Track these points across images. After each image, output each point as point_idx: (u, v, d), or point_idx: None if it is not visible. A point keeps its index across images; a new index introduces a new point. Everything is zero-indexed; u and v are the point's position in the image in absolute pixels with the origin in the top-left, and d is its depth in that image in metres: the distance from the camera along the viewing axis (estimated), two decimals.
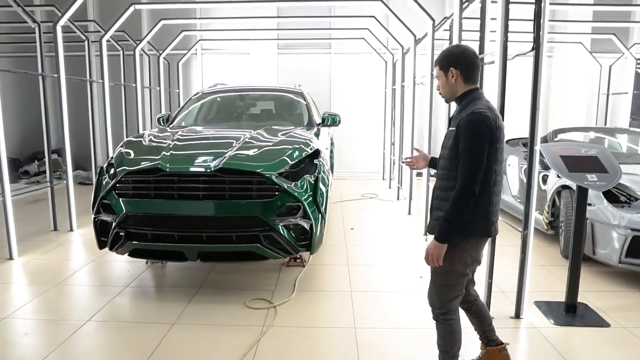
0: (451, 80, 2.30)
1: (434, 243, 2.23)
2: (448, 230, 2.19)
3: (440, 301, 2.41)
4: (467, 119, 2.17)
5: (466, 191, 2.14)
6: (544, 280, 4.14)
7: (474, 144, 2.13)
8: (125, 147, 4.03)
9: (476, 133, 2.13)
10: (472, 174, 2.13)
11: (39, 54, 5.44)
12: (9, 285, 4.06)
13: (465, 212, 2.16)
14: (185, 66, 10.27)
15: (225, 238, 3.59)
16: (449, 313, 2.41)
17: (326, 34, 9.77)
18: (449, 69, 2.30)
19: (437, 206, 2.34)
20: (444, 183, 2.31)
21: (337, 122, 5.53)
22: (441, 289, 2.39)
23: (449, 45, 2.40)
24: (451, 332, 2.42)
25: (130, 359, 2.86)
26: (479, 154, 2.13)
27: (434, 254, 2.23)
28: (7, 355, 2.90)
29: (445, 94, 2.38)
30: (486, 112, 2.17)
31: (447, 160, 2.28)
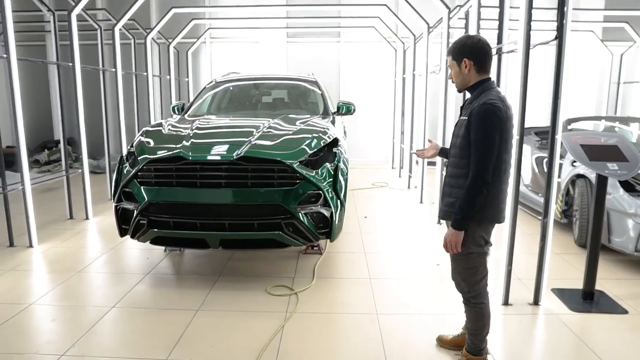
0: (464, 70, 2.34)
1: (451, 231, 2.31)
2: (463, 218, 2.27)
3: (468, 285, 2.46)
4: (479, 109, 2.22)
5: (479, 180, 2.21)
6: (559, 268, 4.18)
7: (485, 134, 2.20)
8: (145, 136, 4.06)
9: (488, 123, 2.19)
10: (485, 163, 2.20)
11: (54, 42, 5.44)
12: (31, 273, 4.12)
13: (478, 200, 2.24)
14: (195, 55, 10.25)
15: (247, 226, 3.63)
16: (479, 296, 2.47)
17: (335, 22, 9.73)
18: (462, 59, 2.34)
19: (448, 193, 2.42)
20: (455, 171, 2.37)
21: (351, 110, 5.55)
22: (466, 273, 2.45)
23: (462, 36, 2.44)
24: (482, 315, 2.49)
25: (159, 343, 2.92)
26: (491, 144, 2.20)
27: (452, 241, 2.32)
28: (37, 341, 2.96)
29: (458, 84, 2.42)
30: (498, 103, 2.23)
31: (459, 148, 2.34)
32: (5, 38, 4.33)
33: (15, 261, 4.32)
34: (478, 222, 2.34)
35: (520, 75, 3.21)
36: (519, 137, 3.27)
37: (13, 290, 3.69)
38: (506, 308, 3.41)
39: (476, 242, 2.38)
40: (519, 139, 3.27)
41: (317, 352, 2.82)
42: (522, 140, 3.28)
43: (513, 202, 3.35)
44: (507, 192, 2.45)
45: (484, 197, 2.25)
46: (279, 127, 4.19)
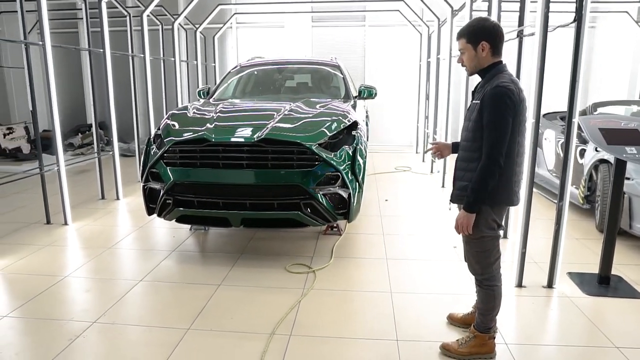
0: (481, 53, 2.34)
1: (463, 213, 2.35)
2: (475, 200, 2.31)
3: (482, 267, 2.52)
4: (492, 92, 2.23)
5: (491, 162, 2.23)
6: (577, 253, 4.17)
7: (498, 116, 2.21)
8: (171, 119, 4.23)
9: (501, 106, 2.20)
10: (497, 146, 2.22)
11: (86, 29, 5.66)
12: (66, 248, 4.38)
13: (490, 182, 2.27)
14: (221, 40, 10.40)
15: (267, 205, 3.77)
16: (492, 279, 2.53)
17: (360, 6, 9.70)
18: (480, 43, 2.33)
19: (460, 176, 2.44)
20: (467, 154, 2.39)
21: (373, 94, 5.59)
22: (479, 256, 2.50)
23: (475, 18, 2.43)
24: (493, 297, 2.55)
25: (183, 314, 3.11)
26: (504, 127, 2.21)
27: (463, 223, 2.36)
28: (72, 309, 3.19)
29: (472, 67, 2.41)
30: (510, 86, 2.24)
31: (472, 132, 2.36)
32: (41, 26, 4.55)
33: (51, 237, 4.60)
34: (491, 205, 2.38)
35: (537, 58, 3.21)
36: (534, 121, 3.28)
37: (50, 264, 3.95)
38: (520, 290, 3.46)
39: (489, 225, 2.41)
40: (534, 122, 3.28)
41: (330, 325, 2.95)
42: (538, 123, 3.29)
43: (528, 186, 3.37)
44: (522, 175, 2.47)
45: (496, 180, 2.27)
46: (300, 111, 4.29)
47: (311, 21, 10.22)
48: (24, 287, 3.52)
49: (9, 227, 4.89)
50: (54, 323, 2.99)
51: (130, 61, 6.64)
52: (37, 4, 4.49)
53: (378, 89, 10.37)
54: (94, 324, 2.97)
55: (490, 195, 2.33)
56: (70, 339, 2.80)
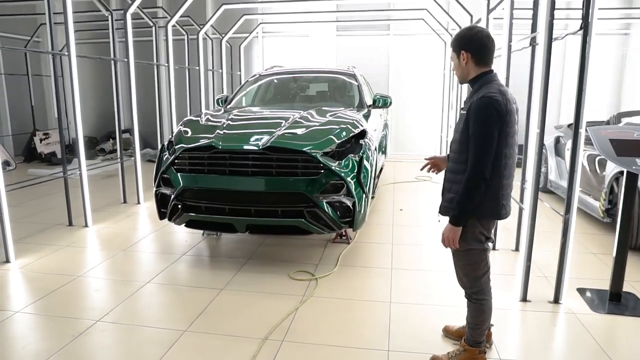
0: (462, 63, 2.33)
1: (449, 226, 2.32)
2: (461, 213, 2.27)
3: (470, 280, 2.49)
4: (477, 103, 2.20)
5: (477, 175, 2.19)
6: (592, 269, 4.03)
7: (483, 128, 2.17)
8: (184, 126, 4.36)
9: (486, 117, 2.17)
10: (483, 158, 2.18)
11: (111, 40, 5.92)
12: (84, 249, 4.57)
13: (476, 195, 2.23)
14: (247, 49, 10.63)
15: (271, 212, 3.82)
16: (481, 292, 2.48)
17: (385, 15, 9.71)
18: (460, 52, 2.33)
19: (447, 188, 2.41)
20: (455, 166, 2.36)
21: (388, 103, 5.58)
22: (467, 269, 2.47)
23: (464, 27, 2.40)
24: (482, 311, 2.50)
25: (183, 316, 3.19)
26: (489, 138, 2.17)
27: (449, 237, 2.33)
28: (81, 307, 3.33)
29: (459, 77, 2.41)
30: (496, 96, 2.19)
31: (458, 143, 2.33)
32: (67, 37, 4.80)
33: (72, 238, 4.81)
34: (478, 218, 2.34)
35: (542, 67, 3.14)
36: (539, 131, 3.21)
37: (66, 264, 4.13)
38: (524, 304, 3.37)
39: (476, 238, 2.38)
40: (539, 132, 3.21)
41: (324, 333, 2.96)
42: (542, 134, 3.22)
43: (532, 197, 3.30)
44: (511, 187, 2.42)
45: (482, 192, 2.23)
46: (309, 119, 4.34)
47: (336, 30, 10.31)
48: (40, 284, 3.70)
49: (35, 228, 5.14)
50: (61, 320, 3.13)
51: (155, 70, 6.87)
52: (64, 17, 4.74)
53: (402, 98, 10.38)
54: (97, 322, 3.09)
55: (477, 209, 2.29)
56: (74, 336, 2.92)
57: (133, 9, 5.63)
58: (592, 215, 5.17)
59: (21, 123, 9.76)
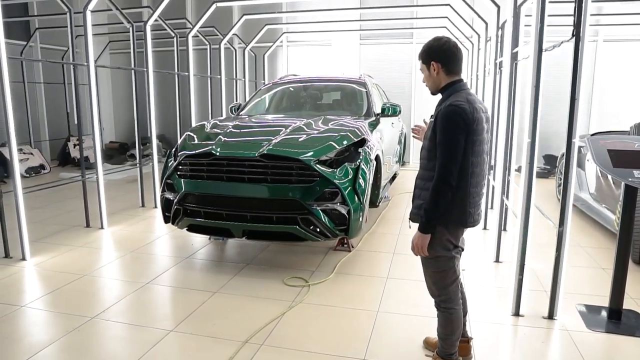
0: (433, 73, 2.35)
1: (417, 234, 2.32)
2: (428, 220, 2.26)
3: (438, 288, 2.47)
4: (444, 111, 2.21)
5: (442, 183, 2.19)
6: (598, 284, 3.87)
7: (449, 135, 2.17)
8: (189, 133, 4.50)
9: (451, 125, 2.17)
10: (448, 165, 2.18)
11: (132, 50, 6.19)
12: (96, 250, 4.77)
13: (441, 203, 2.22)
14: (272, 58, 10.82)
15: (266, 218, 3.89)
16: (449, 301, 2.46)
17: (408, 23, 9.67)
18: (430, 63, 2.35)
19: (417, 195, 2.41)
20: (424, 173, 2.36)
21: (397, 112, 5.56)
22: (435, 277, 2.45)
23: (432, 38, 2.41)
24: (451, 321, 2.47)
25: (171, 316, 3.30)
26: (454, 146, 2.17)
27: (417, 244, 2.33)
28: (82, 303, 3.48)
29: (430, 87, 2.42)
30: (463, 105, 2.20)
31: (427, 151, 2.34)
32: (86, 48, 5.05)
33: (86, 239, 5.04)
34: (445, 226, 2.33)
35: (532, 77, 3.07)
36: (530, 141, 3.13)
37: (76, 263, 4.34)
38: (516, 319, 3.27)
39: (444, 245, 2.36)
40: (530, 142, 3.14)
41: (303, 339, 2.98)
42: (533, 144, 3.13)
43: (524, 207, 3.22)
44: (480, 196, 2.40)
45: (448, 200, 2.23)
46: (310, 127, 4.39)
47: (359, 39, 10.35)
48: (48, 281, 3.91)
49: (54, 229, 5.41)
50: (60, 316, 3.30)
51: (176, 79, 7.11)
52: (84, 30, 5.01)
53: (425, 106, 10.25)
54: (91, 319, 3.23)
55: (444, 216, 2.28)
56: (68, 331, 3.07)
57: (152, 21, 5.87)
58: (608, 228, 4.96)
59: (57, 129, 10.30)
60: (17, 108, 9.21)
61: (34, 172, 8.80)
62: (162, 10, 5.94)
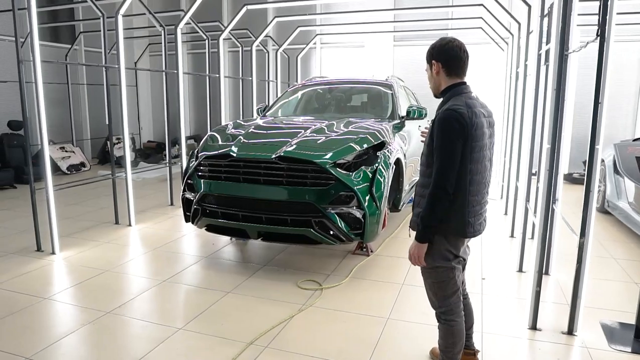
0: (434, 73, 2.26)
1: (414, 243, 2.24)
2: (424, 228, 2.18)
3: (438, 299, 2.39)
4: (441, 116, 2.13)
5: (438, 189, 2.10)
6: (628, 299, 3.64)
7: (445, 141, 2.09)
8: (211, 134, 4.58)
9: (448, 130, 2.08)
10: (444, 172, 2.09)
11: (164, 53, 6.36)
12: (121, 246, 4.93)
13: (438, 211, 2.13)
14: (305, 60, 10.85)
15: (281, 220, 3.89)
16: (450, 313, 2.37)
17: (442, 24, 9.47)
18: (432, 62, 2.27)
19: (417, 202, 2.33)
20: (424, 180, 2.28)
21: (423, 115, 5.41)
22: (435, 287, 2.37)
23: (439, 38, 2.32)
24: (452, 333, 2.38)
25: (182, 315, 3.36)
26: (450, 152, 2.08)
27: (414, 254, 2.25)
28: (100, 298, 3.60)
29: (432, 88, 2.33)
30: (461, 109, 2.11)
31: (425, 156, 2.26)
32: (117, 51, 5.23)
33: (114, 236, 5.21)
34: (444, 235, 2.24)
35: (552, 80, 2.92)
36: (549, 147, 2.99)
37: (101, 258, 4.49)
38: (533, 333, 3.13)
39: (443, 255, 2.27)
40: (549, 148, 2.99)
41: (308, 343, 2.96)
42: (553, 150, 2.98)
43: (542, 215, 3.07)
44: (481, 205, 2.29)
45: (445, 207, 2.13)
46: (330, 129, 4.36)
47: (393, 40, 10.22)
48: (73, 275, 4.08)
49: (85, 225, 5.63)
50: (79, 309, 3.43)
51: (207, 81, 7.26)
52: (116, 34, 5.18)
53: None
54: (107, 314, 3.33)
55: (442, 225, 2.19)
56: (83, 324, 3.18)
57: (182, 24, 6.02)
58: None
59: (99, 129, 10.73)
60: (61, 108, 9.72)
61: (75, 170, 9.20)
62: (197, 13, 6.07)
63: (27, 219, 5.38)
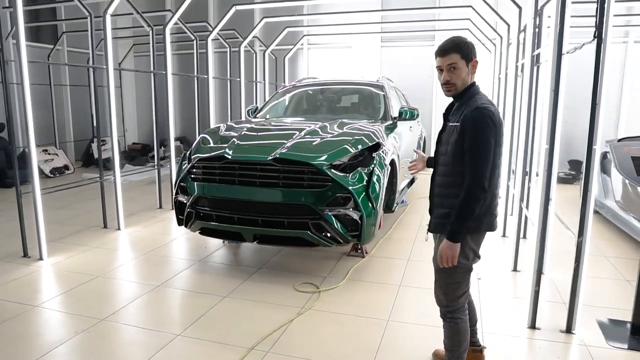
0: (471, 71, 2.26)
1: (448, 243, 2.20)
2: (461, 227, 2.17)
3: (448, 299, 2.38)
4: (474, 114, 2.13)
5: (477, 187, 2.11)
6: (622, 297, 3.69)
7: (482, 139, 2.11)
8: (203, 136, 4.51)
9: (484, 128, 2.11)
10: (483, 169, 2.11)
11: (151, 53, 6.26)
12: (111, 251, 4.82)
13: (477, 208, 2.14)
14: (292, 61, 10.81)
15: (277, 223, 3.86)
16: (457, 311, 2.38)
17: (430, 25, 9.53)
18: (472, 60, 2.25)
19: (439, 203, 2.31)
20: (447, 179, 2.27)
21: (415, 115, 5.44)
22: (449, 287, 2.37)
23: (456, 36, 2.31)
24: (458, 331, 2.38)
25: (179, 320, 3.29)
26: (488, 150, 2.11)
27: (448, 255, 2.21)
28: (93, 305, 3.51)
29: (459, 86, 2.27)
30: (491, 107, 2.15)
31: (451, 155, 2.23)
32: (105, 52, 5.13)
33: (102, 240, 5.10)
34: (471, 233, 2.25)
35: (551, 81, 2.95)
36: (548, 147, 3.01)
37: (91, 264, 4.39)
38: (532, 332, 3.15)
39: (465, 255, 2.27)
40: (548, 148, 3.01)
41: (310, 348, 2.93)
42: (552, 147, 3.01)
43: (542, 217, 3.09)
44: (497, 197, 2.34)
45: (482, 205, 2.17)
46: (325, 130, 4.34)
47: (380, 41, 10.25)
48: (63, 282, 3.96)
49: (73, 229, 5.50)
50: (72, 316, 3.33)
51: (195, 82, 7.17)
52: (104, 33, 5.08)
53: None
54: (101, 321, 3.25)
55: (475, 222, 2.21)
56: (77, 332, 3.09)
57: (171, 24, 5.93)
58: (634, 238, 4.75)
59: (82, 130, 10.52)
60: (44, 110, 9.49)
61: (58, 173, 9.00)
62: (184, 14, 5.99)
63: (11, 223, 5.25)
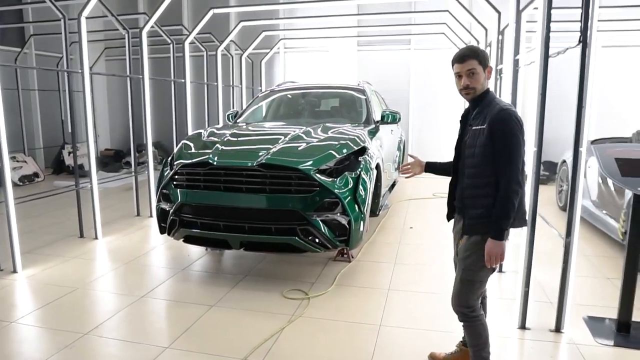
0: (487, 76, 2.38)
1: (495, 242, 2.25)
2: (505, 225, 2.26)
3: (470, 299, 2.43)
4: (501, 116, 2.24)
5: (515, 184, 2.22)
6: (605, 295, 3.78)
7: (514, 138, 2.21)
8: (185, 142, 4.41)
9: (514, 128, 2.22)
10: (517, 167, 2.21)
11: (127, 57, 6.10)
12: (89, 261, 4.66)
13: (516, 204, 2.25)
14: (269, 65, 10.74)
15: (265, 229, 3.79)
16: (476, 310, 2.45)
17: (406, 30, 9.63)
18: (487, 67, 2.38)
19: (471, 204, 2.37)
20: (477, 181, 2.34)
21: (397, 119, 5.48)
22: (473, 286, 2.40)
23: (471, 45, 2.48)
24: (482, 326, 2.46)
25: (166, 332, 3.19)
26: (519, 146, 2.22)
27: (497, 253, 2.26)
28: (75, 318, 3.37)
29: (478, 90, 2.38)
30: (513, 109, 2.30)
31: (480, 157, 2.31)
32: (80, 55, 4.96)
33: (80, 250, 4.92)
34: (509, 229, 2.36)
35: (538, 85, 2.99)
36: (537, 149, 3.06)
37: (69, 275, 4.22)
38: (522, 332, 3.18)
39: None
40: (537, 150, 3.06)
41: (303, 356, 2.88)
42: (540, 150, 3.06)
43: (530, 219, 3.13)
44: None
45: (518, 201, 2.27)
46: (309, 135, 4.30)
47: (357, 45, 10.30)
48: (40, 295, 3.80)
49: (47, 239, 5.29)
50: (52, 332, 3.19)
51: (172, 86, 7.03)
52: (79, 37, 4.91)
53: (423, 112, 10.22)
54: (84, 336, 3.12)
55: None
56: (59, 348, 2.95)
57: (148, 27, 5.80)
58: (611, 236, 4.88)
59: (52, 137, 10.17)
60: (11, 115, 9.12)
61: (28, 181, 8.67)
62: (158, 17, 5.87)
63: None
